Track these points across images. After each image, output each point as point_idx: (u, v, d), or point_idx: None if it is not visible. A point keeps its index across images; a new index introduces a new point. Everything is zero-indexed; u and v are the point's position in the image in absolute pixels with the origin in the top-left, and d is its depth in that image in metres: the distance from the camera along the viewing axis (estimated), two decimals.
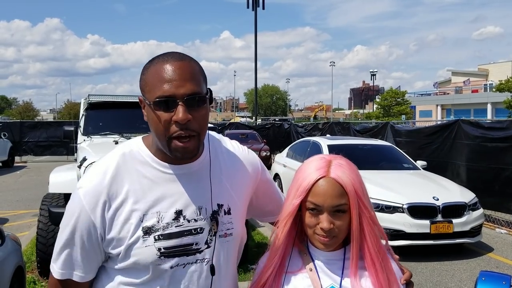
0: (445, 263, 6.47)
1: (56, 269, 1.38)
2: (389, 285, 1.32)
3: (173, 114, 1.23)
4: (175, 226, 1.33)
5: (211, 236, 1.38)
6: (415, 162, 8.83)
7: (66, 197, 5.25)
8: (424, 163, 8.93)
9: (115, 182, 1.33)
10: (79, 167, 5.10)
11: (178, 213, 1.34)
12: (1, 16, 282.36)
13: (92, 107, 6.45)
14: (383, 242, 1.39)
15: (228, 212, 1.42)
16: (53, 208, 5.05)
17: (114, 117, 6.48)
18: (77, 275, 1.36)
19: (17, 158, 20.45)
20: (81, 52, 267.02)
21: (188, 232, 1.35)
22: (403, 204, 6.57)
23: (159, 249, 1.31)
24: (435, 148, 10.71)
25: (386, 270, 1.33)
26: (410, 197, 6.68)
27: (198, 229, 1.36)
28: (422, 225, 6.46)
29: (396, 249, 6.37)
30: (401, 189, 7.03)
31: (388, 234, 6.67)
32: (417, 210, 6.55)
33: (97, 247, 1.35)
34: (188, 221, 1.35)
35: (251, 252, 6.00)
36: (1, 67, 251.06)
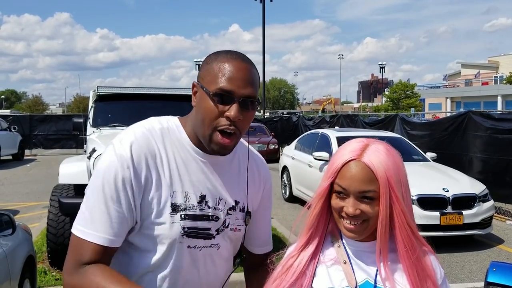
0: (455, 255, 6.43)
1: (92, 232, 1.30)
2: (421, 281, 1.24)
3: (226, 109, 1.31)
4: (199, 209, 1.41)
5: (223, 226, 1.46)
6: (425, 154, 8.79)
7: (76, 187, 5.28)
8: (434, 154, 8.87)
9: (161, 144, 1.38)
10: (89, 158, 5.13)
11: (202, 198, 1.42)
12: (12, 11, 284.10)
13: (101, 99, 6.46)
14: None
15: (242, 210, 1.51)
16: (64, 198, 5.08)
17: (123, 109, 6.49)
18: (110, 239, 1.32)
19: (27, 151, 20.64)
20: (90, 46, 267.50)
21: (207, 218, 1.42)
22: (412, 196, 6.50)
23: (183, 228, 1.38)
24: (445, 140, 10.64)
25: (418, 266, 1.25)
26: (419, 188, 6.64)
27: (215, 217, 1.44)
28: (432, 217, 6.42)
29: None
30: (410, 181, 6.93)
31: None
32: (426, 202, 6.51)
33: (133, 206, 1.33)
34: (209, 207, 1.43)
35: None
36: (11, 61, 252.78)
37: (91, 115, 6.34)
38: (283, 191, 10.73)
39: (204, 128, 1.34)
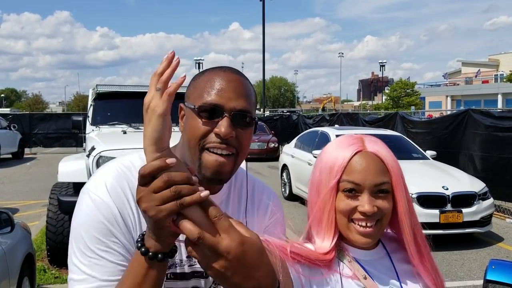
0: (454, 253, 6.43)
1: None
2: (434, 274, 1.18)
3: (215, 125, 1.07)
4: (188, 266, 1.19)
5: (215, 284, 1.23)
6: (425, 152, 8.79)
7: (75, 186, 5.29)
8: (434, 153, 8.88)
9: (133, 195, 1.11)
10: (88, 156, 5.13)
11: None
12: (12, 9, 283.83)
13: (101, 97, 6.46)
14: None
15: None
16: (63, 197, 5.09)
17: (122, 107, 6.49)
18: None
19: (26, 150, 20.69)
20: (90, 44, 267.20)
21: (199, 274, 1.20)
22: (412, 194, 6.52)
23: None
24: (445, 138, 10.64)
25: (431, 260, 1.19)
26: (419, 186, 6.64)
27: (205, 273, 1.19)
28: (432, 215, 6.42)
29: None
30: (410, 179, 6.90)
31: None
32: (426, 200, 6.52)
33: (127, 247, 1.10)
34: None
35: None
36: (11, 60, 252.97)
37: (90, 113, 6.34)
38: (283, 189, 10.74)
39: (191, 150, 1.09)
